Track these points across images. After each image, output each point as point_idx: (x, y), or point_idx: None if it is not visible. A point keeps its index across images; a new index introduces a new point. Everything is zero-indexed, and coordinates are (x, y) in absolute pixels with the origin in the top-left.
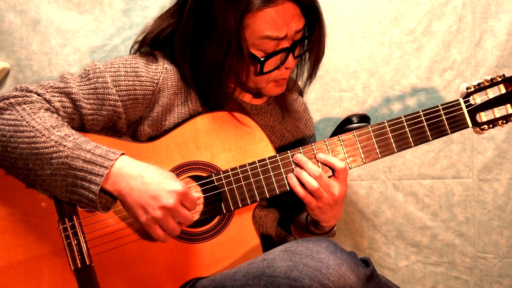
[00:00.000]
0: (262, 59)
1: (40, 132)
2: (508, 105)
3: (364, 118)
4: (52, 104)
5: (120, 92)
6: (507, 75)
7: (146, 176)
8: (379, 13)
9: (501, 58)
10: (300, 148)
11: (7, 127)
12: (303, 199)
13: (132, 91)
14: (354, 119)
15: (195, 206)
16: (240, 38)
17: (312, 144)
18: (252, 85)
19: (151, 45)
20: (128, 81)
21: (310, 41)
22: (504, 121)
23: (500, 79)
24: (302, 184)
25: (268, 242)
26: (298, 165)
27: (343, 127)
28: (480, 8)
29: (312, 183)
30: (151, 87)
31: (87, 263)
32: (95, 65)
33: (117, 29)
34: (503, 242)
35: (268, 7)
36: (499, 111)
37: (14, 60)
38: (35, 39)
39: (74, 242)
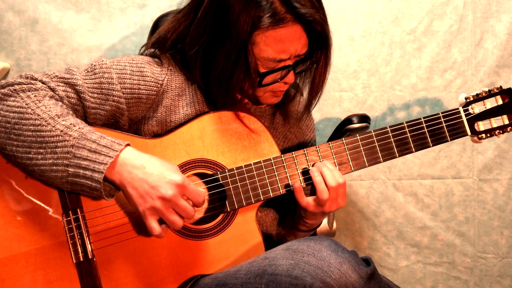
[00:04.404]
0: (262, 73)
1: (45, 121)
2: (505, 116)
3: (364, 119)
4: (57, 93)
5: (124, 90)
6: (507, 76)
7: (148, 167)
8: (380, 12)
9: (501, 58)
10: (304, 149)
11: (12, 114)
12: (304, 207)
13: (137, 90)
14: (354, 120)
15: (199, 198)
16: (247, 51)
17: (317, 146)
18: (250, 93)
19: (171, 47)
20: (133, 79)
21: (314, 68)
22: (501, 131)
23: (497, 90)
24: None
25: (268, 241)
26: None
27: (343, 127)
28: (481, 7)
29: (324, 194)
30: (155, 88)
31: (89, 257)
32: (102, 60)
33: (114, 28)
34: (503, 242)
35: (277, 28)
36: (496, 121)
37: (13, 60)
38: (34, 39)
39: (77, 236)
